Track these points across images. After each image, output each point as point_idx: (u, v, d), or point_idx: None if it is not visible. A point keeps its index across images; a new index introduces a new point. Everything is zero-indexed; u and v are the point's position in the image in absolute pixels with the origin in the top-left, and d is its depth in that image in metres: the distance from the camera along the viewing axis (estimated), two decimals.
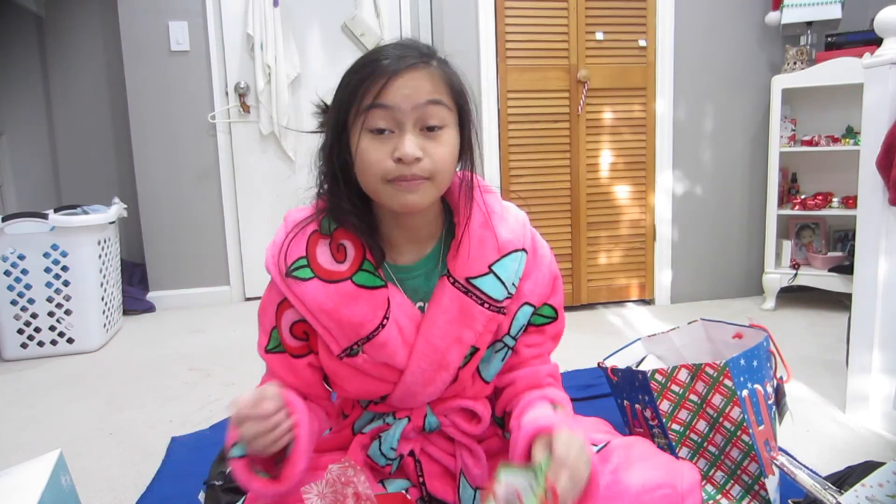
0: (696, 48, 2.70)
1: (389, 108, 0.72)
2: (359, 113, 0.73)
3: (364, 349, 0.80)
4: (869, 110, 1.47)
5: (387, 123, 0.73)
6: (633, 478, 0.76)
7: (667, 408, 1.09)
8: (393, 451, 0.86)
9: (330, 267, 0.80)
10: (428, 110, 0.73)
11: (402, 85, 0.72)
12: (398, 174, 0.73)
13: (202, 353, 2.29)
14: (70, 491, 0.98)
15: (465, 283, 0.81)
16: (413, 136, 0.73)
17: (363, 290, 0.79)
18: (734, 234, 2.86)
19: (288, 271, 0.80)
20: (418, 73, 0.73)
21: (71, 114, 3.27)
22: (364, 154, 0.74)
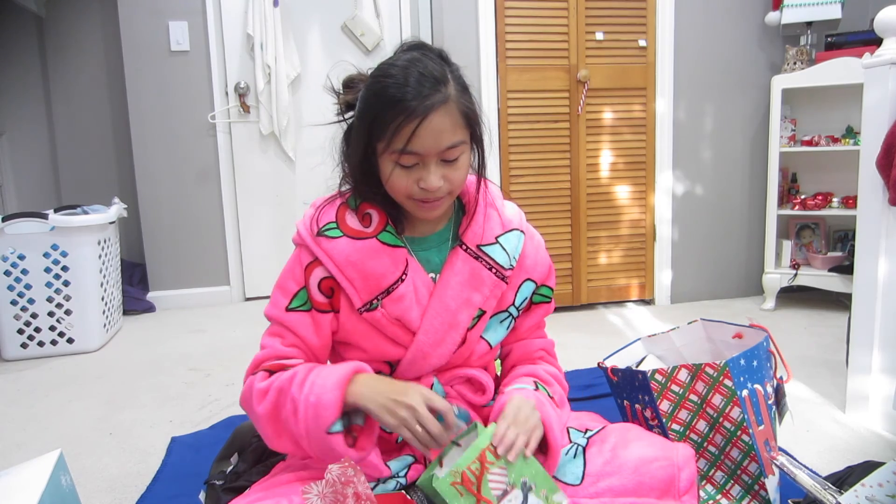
0: (696, 48, 2.70)
1: (418, 153, 0.82)
2: (389, 150, 0.83)
3: (383, 303, 0.88)
4: (869, 110, 1.47)
5: (414, 161, 0.83)
6: (631, 453, 0.83)
7: (667, 408, 1.09)
8: None
9: (357, 227, 0.89)
10: (448, 151, 0.83)
11: (429, 131, 0.81)
12: (422, 197, 0.85)
13: (202, 353, 2.29)
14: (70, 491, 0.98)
15: (476, 249, 0.92)
16: (436, 169, 0.83)
17: (386, 246, 0.88)
18: (734, 234, 2.86)
19: (320, 231, 0.89)
20: (442, 116, 0.81)
21: (71, 114, 3.27)
22: (393, 180, 0.85)
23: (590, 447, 0.86)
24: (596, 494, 0.80)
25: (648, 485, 0.80)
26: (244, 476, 1.05)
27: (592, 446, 0.86)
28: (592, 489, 0.81)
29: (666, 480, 0.81)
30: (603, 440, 0.86)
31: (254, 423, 0.87)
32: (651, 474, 0.81)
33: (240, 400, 0.90)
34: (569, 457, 0.86)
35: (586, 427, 0.91)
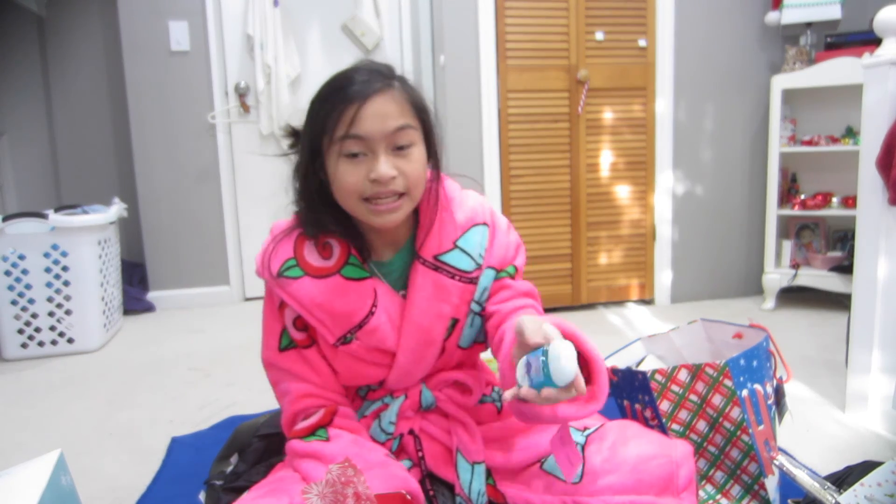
0: (696, 48, 2.70)
1: (362, 137, 0.78)
2: (333, 141, 0.79)
3: (357, 336, 0.87)
4: (869, 110, 1.47)
5: (360, 148, 0.79)
6: (630, 451, 0.83)
7: (667, 408, 1.09)
8: (392, 425, 0.91)
9: (318, 264, 0.86)
10: (398, 135, 0.80)
11: (371, 112, 0.78)
12: (374, 192, 0.80)
13: (202, 353, 2.29)
14: (70, 491, 0.98)
15: (433, 260, 0.89)
16: (386, 158, 0.79)
17: (351, 281, 0.86)
18: (734, 234, 2.86)
19: (279, 272, 0.86)
20: (384, 98, 0.79)
21: (71, 114, 3.27)
22: (341, 177, 0.80)
23: (588, 445, 0.85)
24: (595, 493, 0.80)
25: (647, 482, 0.80)
26: (244, 476, 1.05)
27: (591, 444, 0.85)
28: (592, 487, 0.81)
29: (665, 478, 0.80)
30: (601, 438, 0.86)
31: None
32: (650, 472, 0.80)
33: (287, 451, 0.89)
34: None
35: (585, 425, 0.90)
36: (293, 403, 0.89)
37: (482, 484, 0.87)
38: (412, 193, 0.83)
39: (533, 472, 0.87)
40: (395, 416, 0.91)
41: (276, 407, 1.51)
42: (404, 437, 0.92)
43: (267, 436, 1.14)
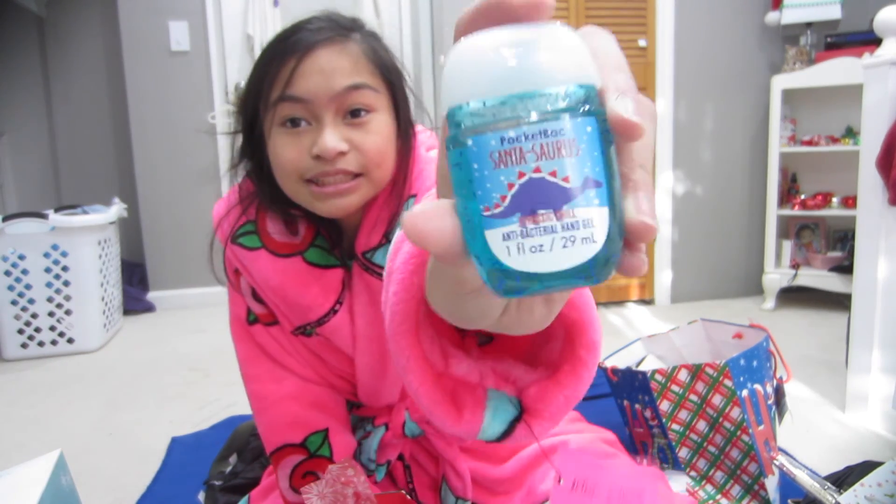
0: (696, 48, 2.70)
1: (301, 99, 0.62)
2: (268, 107, 0.63)
3: (318, 331, 0.73)
4: (869, 110, 1.47)
5: (301, 114, 0.63)
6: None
7: (667, 408, 1.09)
8: (371, 462, 0.79)
9: (280, 238, 0.70)
10: (349, 97, 0.62)
11: (314, 68, 0.61)
12: (318, 172, 0.63)
13: (202, 353, 2.29)
14: (70, 491, 0.98)
15: (362, 259, 0.70)
16: (333, 129, 0.62)
17: (315, 268, 0.69)
18: (734, 234, 2.86)
19: (233, 236, 0.70)
20: (333, 51, 0.62)
21: (71, 114, 3.27)
22: (277, 152, 0.64)
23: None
24: None
25: None
26: (241, 474, 1.05)
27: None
28: None
29: None
30: None
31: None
32: None
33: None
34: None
35: None
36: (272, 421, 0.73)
37: None
38: (372, 174, 0.65)
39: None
40: (374, 451, 0.78)
41: None
42: (393, 463, 0.81)
43: None
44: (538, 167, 0.24)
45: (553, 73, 0.24)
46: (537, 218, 0.24)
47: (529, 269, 0.25)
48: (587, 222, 0.24)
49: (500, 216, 0.24)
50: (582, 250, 0.25)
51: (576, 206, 0.24)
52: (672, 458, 1.10)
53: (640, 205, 0.25)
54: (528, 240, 0.24)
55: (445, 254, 0.25)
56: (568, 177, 0.24)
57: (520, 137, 0.24)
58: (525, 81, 0.24)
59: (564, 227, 0.24)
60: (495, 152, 0.24)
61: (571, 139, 0.24)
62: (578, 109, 0.24)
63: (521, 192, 0.24)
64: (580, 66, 0.25)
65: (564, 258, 0.24)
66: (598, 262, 0.25)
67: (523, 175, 0.24)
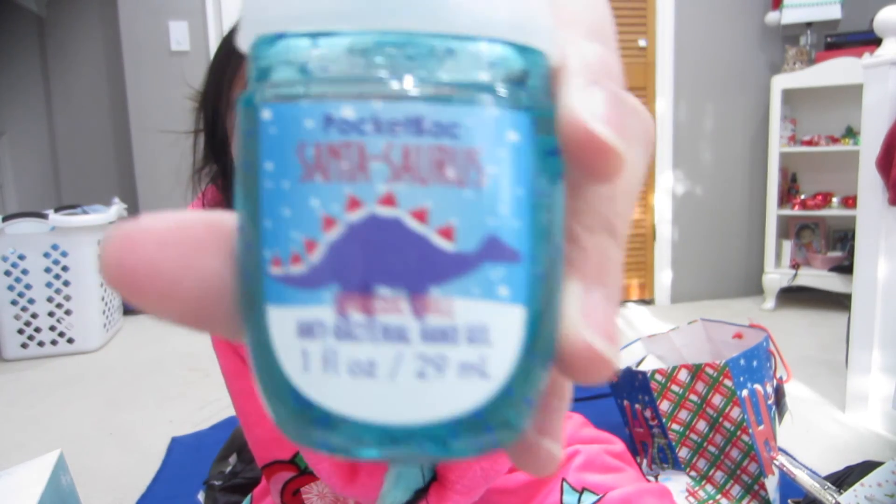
0: (696, 48, 2.70)
1: None
2: (229, 106, 0.56)
3: None
4: (869, 110, 1.47)
5: None
6: None
7: (667, 408, 1.09)
8: None
9: None
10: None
11: None
12: None
13: (202, 353, 2.29)
14: (70, 491, 0.98)
15: None
16: None
17: None
18: (734, 234, 2.86)
19: None
20: None
21: (71, 114, 3.27)
22: None
23: None
24: None
25: None
26: (241, 474, 1.05)
27: None
28: None
29: None
30: None
31: None
32: None
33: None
34: None
35: (584, 485, 0.72)
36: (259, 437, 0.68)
37: None
38: None
39: None
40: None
41: None
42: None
43: None
44: (390, 195, 0.12)
45: (465, 7, 0.13)
46: (373, 303, 0.12)
47: (340, 407, 0.13)
48: (477, 332, 0.13)
49: (301, 283, 0.13)
50: (458, 390, 0.13)
51: (459, 292, 0.12)
52: (672, 458, 1.10)
53: (591, 308, 0.14)
54: (347, 346, 0.12)
55: (184, 318, 0.15)
56: (451, 227, 0.12)
57: (365, 124, 0.12)
58: (405, 10, 0.12)
59: (427, 333, 0.12)
60: (310, 146, 0.12)
61: (473, 150, 0.12)
62: (499, 92, 0.13)
63: (347, 242, 0.12)
64: (522, 7, 0.13)
65: (416, 400, 0.13)
66: (492, 418, 0.13)
67: (358, 205, 0.12)
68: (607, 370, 0.14)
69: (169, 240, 0.13)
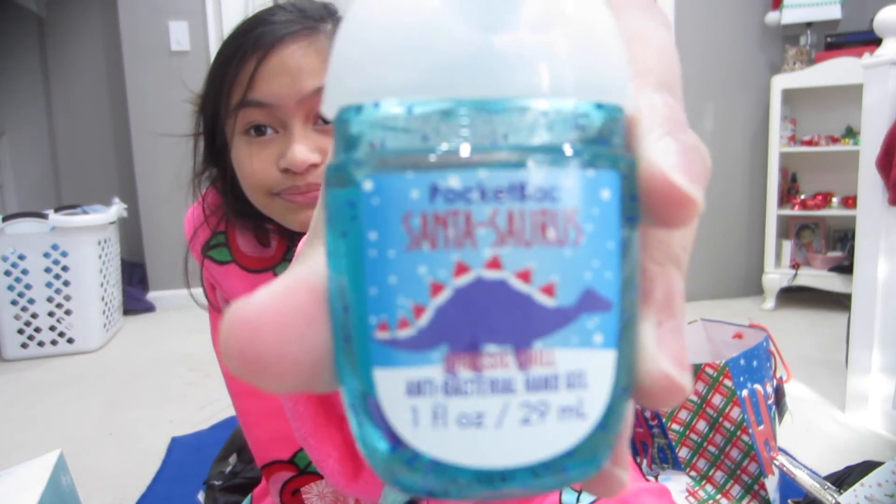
0: (696, 48, 2.70)
1: (265, 104, 0.54)
2: (229, 112, 0.57)
3: None
4: (869, 110, 1.47)
5: (266, 120, 0.55)
6: None
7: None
8: None
9: (250, 252, 0.65)
10: (320, 100, 0.55)
11: (279, 68, 0.53)
12: (287, 186, 0.55)
13: (202, 353, 2.29)
14: (70, 491, 0.98)
15: None
16: (303, 138, 0.54)
17: None
18: (734, 234, 2.86)
19: (204, 248, 0.66)
20: (300, 47, 0.54)
21: (71, 114, 3.27)
22: (241, 164, 0.57)
23: None
24: None
25: None
26: (241, 474, 1.05)
27: None
28: None
29: None
30: None
31: None
32: None
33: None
34: None
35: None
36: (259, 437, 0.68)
37: None
38: None
39: None
40: None
41: None
42: None
43: None
44: (496, 258, 0.13)
45: (556, 71, 0.13)
46: (480, 360, 0.13)
47: (448, 456, 0.13)
48: (576, 377, 0.13)
49: (410, 346, 0.13)
50: (558, 431, 0.13)
51: (560, 343, 0.13)
52: (672, 458, 1.10)
53: (665, 340, 0.15)
54: (456, 400, 0.13)
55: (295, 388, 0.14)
56: (553, 284, 0.13)
57: (471, 192, 0.13)
58: (495, 77, 0.13)
59: (531, 383, 0.13)
60: (416, 215, 0.13)
61: (572, 211, 0.13)
62: (592, 153, 0.13)
63: (455, 305, 0.13)
64: (604, 65, 0.14)
65: (521, 445, 0.13)
66: (583, 454, 0.14)
67: (465, 270, 0.13)
68: (682, 396, 0.15)
69: (285, 320, 0.14)
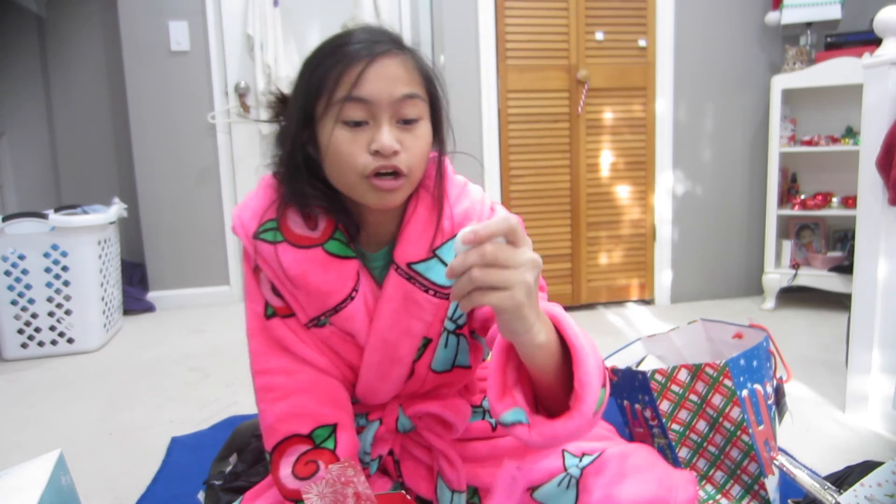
0: (696, 48, 2.70)
1: (366, 101, 0.68)
2: (331, 104, 0.69)
3: (332, 321, 0.78)
4: (869, 110, 1.47)
5: (362, 115, 0.69)
6: (626, 492, 0.75)
7: (667, 408, 1.09)
8: (367, 455, 0.84)
9: (300, 232, 0.76)
10: (405, 104, 0.70)
11: (378, 75, 0.68)
12: (376, 166, 0.69)
13: (202, 353, 2.29)
14: (70, 491, 0.98)
15: (406, 268, 0.77)
16: (389, 128, 0.69)
17: (334, 258, 0.76)
18: (734, 234, 2.86)
19: (256, 233, 0.76)
20: (393, 62, 0.70)
21: (71, 114, 3.27)
22: (338, 147, 0.70)
23: (584, 478, 0.77)
24: None
25: None
26: (243, 476, 1.05)
27: (587, 478, 0.77)
28: None
29: None
30: (598, 471, 0.77)
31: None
32: None
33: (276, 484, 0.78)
34: (561, 488, 0.77)
35: (583, 451, 0.80)
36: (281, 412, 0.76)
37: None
38: (412, 175, 0.73)
39: (524, 500, 0.79)
40: (370, 445, 0.84)
41: None
42: (384, 458, 0.86)
43: None
44: None
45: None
46: None
47: None
48: None
49: None
50: None
51: None
52: (672, 458, 1.10)
53: None
54: None
55: None
56: None
57: None
58: None
59: None
60: None
61: None
62: None
63: None
64: None
65: None
66: None
67: None
68: None
69: None
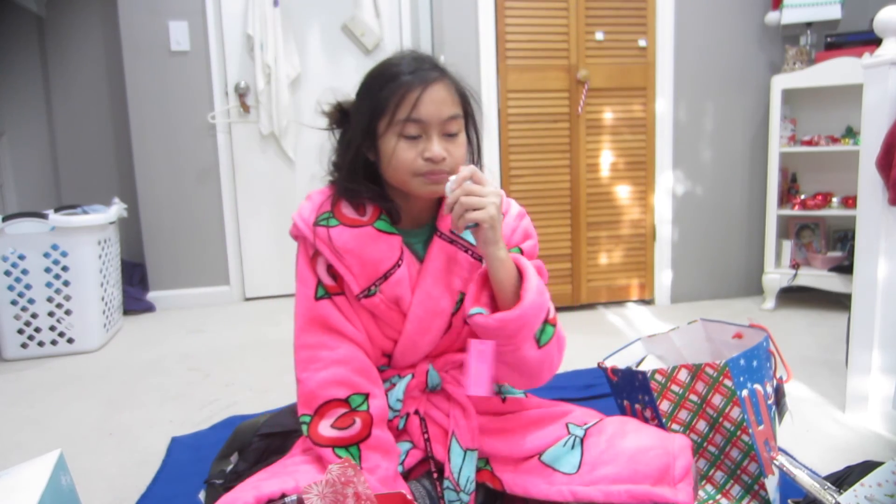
0: (696, 48, 2.70)
1: (422, 121, 0.88)
2: (393, 123, 0.89)
3: (381, 289, 0.93)
4: (869, 110, 1.47)
5: (418, 131, 0.89)
6: (628, 443, 0.87)
7: (667, 408, 1.09)
8: (399, 402, 0.96)
9: (352, 216, 0.94)
10: (449, 123, 0.90)
11: (430, 99, 0.88)
12: (428, 170, 0.90)
13: (202, 353, 2.29)
14: (70, 491, 0.98)
15: (450, 234, 0.97)
16: (438, 140, 0.90)
17: (382, 234, 0.93)
18: (734, 234, 2.86)
19: (315, 221, 0.94)
20: (440, 88, 0.89)
21: (71, 114, 3.27)
22: (399, 155, 0.90)
23: (587, 438, 0.89)
24: (592, 482, 0.84)
25: (643, 472, 0.83)
26: (244, 476, 1.05)
27: (590, 437, 0.89)
28: (588, 477, 0.84)
29: (661, 468, 0.83)
30: (600, 431, 0.90)
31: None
32: (646, 462, 0.83)
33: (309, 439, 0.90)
34: (566, 448, 0.89)
35: (585, 421, 0.94)
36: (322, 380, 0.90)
37: (472, 471, 0.91)
38: (453, 172, 0.91)
39: (532, 464, 0.90)
40: (402, 393, 0.96)
41: (276, 407, 1.51)
42: (410, 416, 0.96)
43: (267, 435, 1.14)
44: None
45: None
46: None
47: None
48: None
49: None
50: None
51: None
52: None
53: None
54: None
55: None
56: None
57: None
58: None
59: None
60: None
61: None
62: None
63: None
64: None
65: None
66: None
67: None
68: None
69: None
